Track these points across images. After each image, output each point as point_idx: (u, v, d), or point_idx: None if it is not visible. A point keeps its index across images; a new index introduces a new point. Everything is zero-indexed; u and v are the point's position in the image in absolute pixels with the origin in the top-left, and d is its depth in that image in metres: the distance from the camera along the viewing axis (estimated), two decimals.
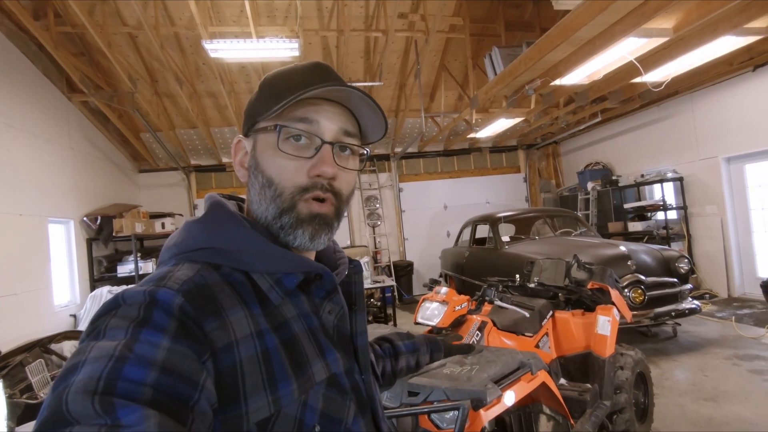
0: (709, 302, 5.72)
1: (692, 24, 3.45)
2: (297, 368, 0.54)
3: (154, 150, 7.74)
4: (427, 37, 5.54)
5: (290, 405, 0.52)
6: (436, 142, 8.76)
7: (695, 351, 4.13)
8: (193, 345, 0.46)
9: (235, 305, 0.53)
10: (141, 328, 0.45)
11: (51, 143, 5.30)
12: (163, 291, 0.49)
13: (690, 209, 6.45)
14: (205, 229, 0.59)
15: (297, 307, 0.60)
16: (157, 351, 0.43)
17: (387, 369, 0.98)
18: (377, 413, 0.65)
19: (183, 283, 0.51)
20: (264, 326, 0.54)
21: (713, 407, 3.01)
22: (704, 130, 6.19)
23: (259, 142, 0.63)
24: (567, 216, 5.99)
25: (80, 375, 0.40)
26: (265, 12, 5.53)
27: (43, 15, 4.82)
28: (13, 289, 4.29)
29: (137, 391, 0.40)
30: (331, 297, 0.64)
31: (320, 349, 0.59)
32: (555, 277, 2.74)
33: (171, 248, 0.60)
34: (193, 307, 0.49)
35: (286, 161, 0.60)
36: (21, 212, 4.57)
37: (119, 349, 0.42)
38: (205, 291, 0.51)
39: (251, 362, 0.51)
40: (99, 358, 0.41)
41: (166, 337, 0.45)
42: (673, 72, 4.55)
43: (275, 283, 0.58)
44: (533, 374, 1.68)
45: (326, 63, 0.67)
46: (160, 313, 0.47)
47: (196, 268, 0.54)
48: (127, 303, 0.48)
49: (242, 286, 0.56)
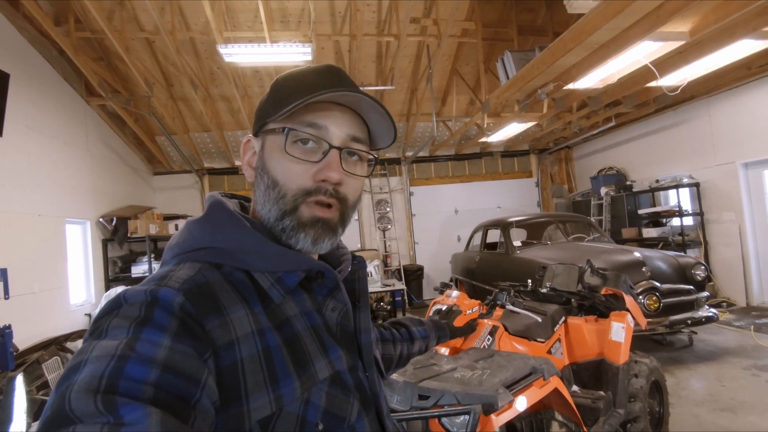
0: (727, 311, 5.59)
1: (709, 27, 3.39)
2: (299, 366, 0.55)
3: (168, 153, 7.86)
4: (439, 41, 5.55)
5: (292, 403, 0.52)
6: (448, 146, 8.75)
7: (712, 360, 4.04)
8: (195, 343, 0.46)
9: (236, 304, 0.53)
10: (142, 327, 0.45)
11: (69, 145, 5.42)
12: (165, 290, 0.49)
13: (707, 215, 6.32)
14: (205, 229, 0.59)
15: (299, 305, 0.60)
16: (158, 349, 0.43)
17: (403, 352, 1.06)
18: (381, 410, 0.65)
19: (184, 282, 0.51)
20: (265, 324, 0.54)
21: (731, 418, 2.94)
22: (721, 135, 6.07)
23: (267, 144, 0.63)
24: (580, 221, 5.92)
25: (83, 374, 0.40)
26: (279, 17, 5.60)
27: (64, 21, 4.95)
28: (31, 288, 4.38)
29: (139, 389, 0.40)
30: (334, 294, 0.64)
31: (323, 347, 0.59)
32: (568, 283, 2.70)
33: (173, 248, 0.60)
34: (194, 305, 0.49)
35: (292, 164, 0.60)
36: (40, 213, 4.68)
37: (121, 348, 0.43)
38: (206, 290, 0.52)
39: (253, 360, 0.51)
40: (101, 357, 0.42)
41: (168, 336, 0.45)
42: (689, 76, 4.48)
43: (276, 281, 0.58)
44: (545, 380, 1.67)
45: (339, 66, 0.67)
46: (161, 312, 0.47)
47: (197, 267, 0.55)
48: (129, 302, 0.48)
49: (243, 284, 0.56)
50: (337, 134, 0.61)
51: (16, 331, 3.02)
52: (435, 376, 1.65)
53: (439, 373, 1.68)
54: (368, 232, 8.83)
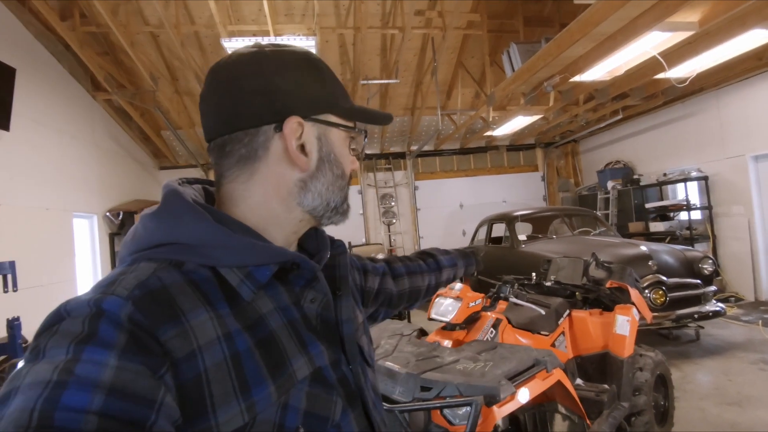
0: (735, 305, 5.53)
1: (719, 17, 3.33)
2: (274, 368, 0.51)
3: (174, 147, 7.90)
4: (444, 34, 5.50)
5: (267, 410, 0.48)
6: (453, 140, 8.70)
7: (719, 354, 4.01)
8: (146, 359, 0.42)
9: (197, 307, 0.48)
10: (84, 345, 0.40)
11: (76, 140, 5.46)
12: (110, 299, 0.44)
13: (715, 209, 6.25)
14: (161, 223, 0.53)
15: (274, 300, 0.56)
16: (103, 371, 0.38)
17: (431, 283, 1.08)
18: (368, 404, 0.62)
19: (134, 288, 0.46)
20: (233, 327, 0.50)
21: (737, 412, 2.92)
22: (731, 128, 5.98)
23: (332, 135, 0.63)
24: (586, 215, 5.88)
25: (12, 407, 0.36)
26: (283, 10, 5.58)
27: (70, 15, 4.98)
28: (39, 281, 4.44)
29: (79, 420, 0.35)
30: (312, 285, 0.60)
31: (302, 343, 0.55)
32: (572, 276, 2.68)
33: (128, 245, 0.54)
34: (146, 315, 0.44)
35: (350, 157, 0.66)
36: (47, 206, 4.73)
37: (57, 372, 0.38)
38: (160, 295, 0.46)
39: (219, 369, 0.46)
40: (34, 385, 0.37)
41: (114, 354, 0.40)
42: (698, 67, 4.41)
43: (246, 276, 0.53)
44: (548, 372, 1.66)
45: None
46: (106, 327, 0.42)
47: (152, 268, 0.49)
48: (71, 316, 0.43)
49: (207, 283, 0.51)
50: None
51: (25, 323, 3.06)
52: (437, 368, 1.65)
53: (441, 365, 1.68)
54: (373, 226, 8.83)
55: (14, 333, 2.87)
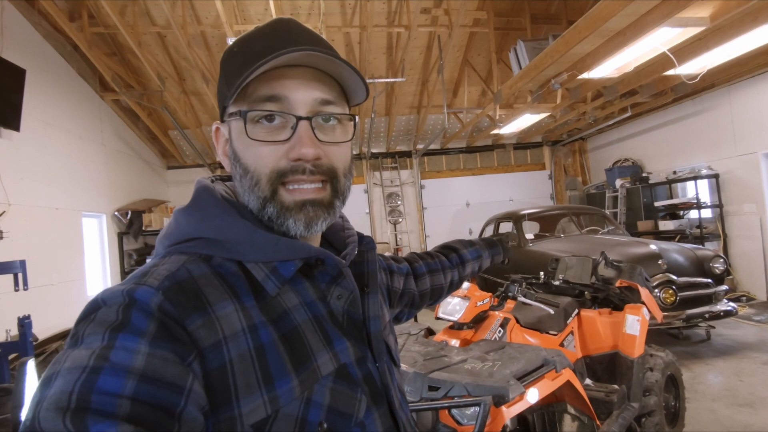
0: (746, 305, 5.46)
1: (731, 12, 3.28)
2: (299, 363, 0.51)
3: (181, 147, 7.95)
4: (451, 32, 5.47)
5: (290, 404, 0.48)
6: (459, 139, 8.66)
7: (730, 355, 3.95)
8: (176, 347, 0.43)
9: (223, 299, 0.49)
10: (117, 332, 0.42)
11: (85, 140, 5.51)
12: (142, 289, 0.46)
13: (726, 207, 6.16)
14: (191, 218, 0.55)
15: (300, 296, 0.56)
16: (134, 357, 0.40)
17: (454, 278, 1.07)
18: (393, 403, 0.60)
19: (164, 279, 0.47)
20: (258, 320, 0.50)
21: (749, 413, 2.87)
22: (742, 125, 5.89)
23: (233, 129, 0.57)
24: (594, 214, 5.82)
25: (53, 389, 0.38)
26: (289, 10, 5.58)
27: (78, 16, 5.02)
28: (50, 279, 4.49)
29: (113, 404, 0.37)
30: (338, 281, 0.59)
31: (327, 339, 0.55)
32: (581, 275, 2.66)
33: (162, 240, 0.56)
34: (174, 304, 0.46)
35: (259, 147, 0.54)
36: (57, 206, 4.77)
37: (93, 358, 0.40)
38: (188, 286, 0.48)
39: (243, 360, 0.47)
40: (72, 370, 0.39)
41: (145, 341, 0.42)
42: (709, 64, 4.34)
43: (271, 272, 0.54)
44: (557, 372, 1.64)
45: (290, 18, 0.59)
46: (138, 315, 0.43)
47: (182, 260, 0.51)
48: (107, 305, 0.45)
49: (234, 277, 0.52)
50: (302, 102, 0.54)
51: (35, 321, 3.09)
52: (445, 368, 1.64)
53: (449, 365, 1.67)
54: (379, 225, 8.83)
55: (25, 331, 2.89)
